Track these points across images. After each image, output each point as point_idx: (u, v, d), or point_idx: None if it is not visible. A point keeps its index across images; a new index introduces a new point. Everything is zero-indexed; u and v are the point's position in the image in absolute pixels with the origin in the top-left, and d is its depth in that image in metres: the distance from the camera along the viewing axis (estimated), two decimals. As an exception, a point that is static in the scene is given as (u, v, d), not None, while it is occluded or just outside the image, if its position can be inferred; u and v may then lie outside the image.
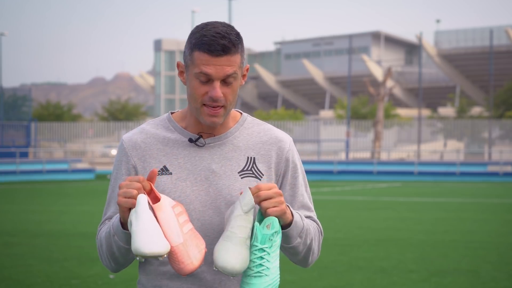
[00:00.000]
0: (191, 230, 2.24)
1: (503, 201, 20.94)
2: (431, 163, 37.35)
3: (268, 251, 2.24)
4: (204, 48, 2.28)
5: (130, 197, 2.19)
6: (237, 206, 2.24)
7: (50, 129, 51.98)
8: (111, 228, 2.31)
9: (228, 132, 2.42)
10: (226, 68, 2.29)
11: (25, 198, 21.90)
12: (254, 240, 2.23)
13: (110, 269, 2.45)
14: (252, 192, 2.24)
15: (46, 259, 10.13)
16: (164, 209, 2.22)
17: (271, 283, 2.27)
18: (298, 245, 2.37)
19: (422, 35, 53.68)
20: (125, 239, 2.28)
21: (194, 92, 2.32)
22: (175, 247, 2.19)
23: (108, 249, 2.35)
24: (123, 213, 2.22)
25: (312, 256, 2.46)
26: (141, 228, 2.15)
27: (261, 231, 2.23)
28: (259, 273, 2.24)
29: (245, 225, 2.23)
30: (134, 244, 2.14)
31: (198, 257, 2.22)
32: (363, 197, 22.58)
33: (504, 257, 10.47)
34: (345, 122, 50.68)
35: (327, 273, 9.21)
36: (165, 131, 2.44)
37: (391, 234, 12.98)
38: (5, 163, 32.84)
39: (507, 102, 53.90)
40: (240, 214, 2.23)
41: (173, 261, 2.21)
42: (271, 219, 2.24)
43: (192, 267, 2.20)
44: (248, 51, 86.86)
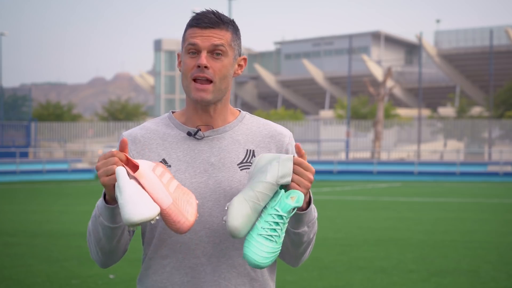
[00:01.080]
0: (177, 188, 2.23)
1: (503, 201, 20.94)
2: (431, 163, 37.34)
3: (284, 221, 2.21)
4: (193, 22, 2.38)
5: (111, 174, 2.18)
6: (272, 170, 2.21)
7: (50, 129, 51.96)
8: (96, 210, 2.31)
9: (227, 126, 2.44)
10: (212, 39, 2.35)
11: (25, 198, 21.89)
12: (276, 204, 2.20)
13: (98, 262, 2.43)
14: (295, 162, 2.22)
15: (46, 259, 10.13)
16: (146, 175, 2.20)
17: (275, 252, 2.23)
18: (304, 234, 2.34)
19: (422, 35, 53.68)
20: (109, 216, 2.27)
21: (185, 68, 2.38)
22: (167, 208, 2.18)
23: (95, 234, 2.34)
24: (110, 192, 2.22)
25: (306, 254, 2.45)
26: (127, 199, 2.13)
27: (285, 199, 2.20)
28: (271, 236, 2.20)
29: (269, 194, 2.21)
30: (124, 216, 2.12)
31: (192, 211, 2.21)
32: (363, 197, 22.57)
33: (504, 257, 10.47)
34: (345, 122, 50.68)
35: (327, 273, 9.21)
36: (165, 128, 2.46)
37: (391, 234, 12.98)
38: (5, 163, 32.84)
39: (507, 102, 53.88)
40: (272, 183, 2.20)
41: (168, 222, 2.19)
42: (298, 193, 2.21)
43: (189, 224, 2.20)
44: (248, 51, 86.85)
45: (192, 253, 2.38)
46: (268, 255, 2.20)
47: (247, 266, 2.41)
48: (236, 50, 2.41)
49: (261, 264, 2.20)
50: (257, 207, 2.20)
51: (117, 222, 2.29)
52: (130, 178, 2.18)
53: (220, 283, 2.38)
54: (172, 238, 2.40)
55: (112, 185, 2.19)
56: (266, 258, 2.20)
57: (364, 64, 71.07)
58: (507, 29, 65.16)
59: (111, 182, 2.19)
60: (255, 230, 2.21)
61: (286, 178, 2.20)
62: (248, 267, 2.41)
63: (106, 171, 2.19)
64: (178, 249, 2.39)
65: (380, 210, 17.99)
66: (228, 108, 2.47)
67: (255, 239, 2.20)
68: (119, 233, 2.32)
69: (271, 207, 2.20)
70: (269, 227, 2.20)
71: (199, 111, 2.43)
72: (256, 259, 2.20)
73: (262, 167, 2.24)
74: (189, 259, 2.39)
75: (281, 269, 8.68)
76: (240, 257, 2.40)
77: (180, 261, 2.39)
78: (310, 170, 2.23)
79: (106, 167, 2.19)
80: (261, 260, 2.20)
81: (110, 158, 2.19)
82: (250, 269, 2.41)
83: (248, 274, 2.41)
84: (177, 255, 2.39)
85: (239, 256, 2.40)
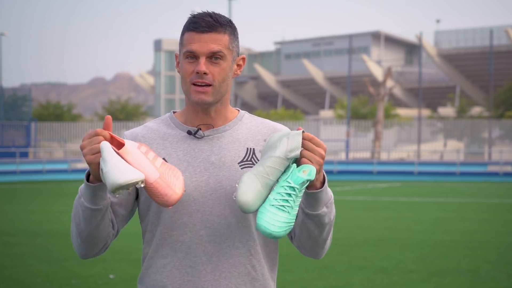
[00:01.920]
0: (163, 164, 2.23)
1: (503, 201, 20.94)
2: (431, 163, 37.34)
3: (296, 193, 2.20)
4: (191, 27, 2.37)
5: (97, 153, 2.17)
6: (282, 146, 2.22)
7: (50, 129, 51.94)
8: (79, 191, 2.30)
9: (227, 125, 2.45)
10: (210, 45, 2.35)
11: (25, 198, 21.89)
12: (288, 177, 2.20)
13: (77, 250, 2.41)
14: (304, 137, 2.23)
15: (46, 259, 10.12)
16: (131, 151, 2.20)
17: (288, 222, 2.21)
18: (324, 216, 2.32)
19: (422, 35, 53.67)
20: (90, 196, 2.26)
21: (183, 73, 2.39)
22: (154, 182, 2.17)
23: (75, 219, 2.33)
24: (94, 171, 2.21)
25: (329, 240, 2.42)
26: (112, 166, 2.12)
27: (297, 172, 2.20)
28: (283, 206, 2.20)
29: (280, 169, 2.21)
30: (109, 181, 2.11)
31: (179, 185, 2.21)
32: (363, 197, 22.57)
33: (504, 257, 10.47)
34: (345, 122, 50.67)
35: (327, 273, 9.21)
36: (166, 128, 2.47)
37: (391, 234, 12.98)
38: (5, 163, 32.83)
39: (507, 102, 53.87)
40: (281, 157, 2.21)
41: (156, 196, 2.19)
42: (309, 167, 2.21)
43: (176, 197, 2.20)
44: (248, 51, 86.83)
45: (192, 252, 2.38)
46: (281, 224, 2.19)
47: (248, 266, 2.40)
48: (235, 51, 2.42)
49: (275, 233, 2.19)
50: (268, 182, 2.20)
51: (97, 204, 2.27)
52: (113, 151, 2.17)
53: (220, 282, 2.38)
54: (172, 238, 2.39)
55: (97, 163, 2.18)
56: (279, 227, 2.19)
57: (364, 64, 71.05)
58: (507, 29, 65.14)
59: (96, 160, 2.18)
60: (268, 201, 2.21)
61: (295, 152, 2.20)
62: (249, 267, 2.40)
63: (91, 150, 2.18)
64: (178, 248, 2.39)
65: (380, 210, 17.99)
66: (228, 108, 2.48)
67: (268, 209, 2.19)
68: (99, 217, 2.30)
69: (283, 179, 2.20)
70: (281, 198, 2.19)
71: (199, 113, 2.44)
72: (269, 228, 2.18)
73: (272, 144, 2.25)
74: (189, 258, 2.38)
75: (281, 269, 8.68)
76: (241, 257, 2.40)
77: (181, 260, 2.39)
78: (322, 146, 2.24)
79: (91, 146, 2.18)
80: (275, 229, 2.19)
81: (95, 137, 2.19)
82: (251, 269, 2.41)
83: (248, 274, 2.41)
84: (177, 254, 2.39)
85: (239, 256, 2.40)
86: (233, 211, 2.39)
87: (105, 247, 2.43)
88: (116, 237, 2.46)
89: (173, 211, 2.39)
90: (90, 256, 2.43)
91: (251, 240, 2.41)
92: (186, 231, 2.39)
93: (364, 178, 34.60)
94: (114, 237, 2.45)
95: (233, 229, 2.39)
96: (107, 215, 2.33)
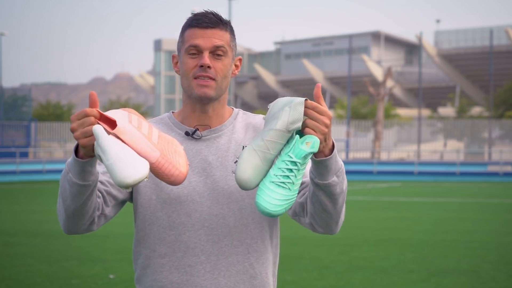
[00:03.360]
0: (159, 138, 2.15)
1: (503, 201, 20.94)
2: (431, 163, 37.33)
3: (299, 167, 2.13)
4: (193, 23, 2.38)
5: (90, 136, 2.10)
6: (283, 117, 2.13)
7: (50, 129, 51.93)
8: (66, 166, 2.24)
9: (223, 125, 2.46)
10: (214, 39, 2.37)
11: (25, 198, 21.88)
12: (290, 150, 2.13)
13: (62, 225, 2.34)
14: (307, 106, 2.15)
15: (46, 259, 10.12)
16: (126, 130, 2.11)
17: (290, 199, 2.16)
18: (335, 185, 2.24)
19: (422, 35, 53.68)
20: (79, 172, 2.19)
21: (185, 68, 2.38)
22: (156, 162, 2.10)
23: (62, 194, 2.27)
24: (88, 152, 2.15)
25: (343, 212, 2.36)
26: (114, 159, 2.04)
27: (299, 145, 2.13)
28: (283, 183, 2.14)
29: (281, 142, 2.14)
30: (116, 179, 2.03)
31: (182, 162, 2.14)
32: (363, 197, 22.56)
33: (504, 257, 10.47)
34: (345, 122, 50.67)
35: (327, 273, 9.21)
36: (165, 128, 2.47)
37: (391, 234, 12.98)
38: (5, 163, 32.82)
39: (507, 102, 53.87)
40: (281, 130, 2.13)
41: (161, 176, 2.13)
42: (313, 138, 2.13)
43: (183, 176, 2.13)
44: (248, 51, 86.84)
45: (191, 252, 2.38)
46: (280, 202, 2.14)
47: (246, 264, 2.41)
48: (234, 51, 2.44)
49: (272, 212, 2.14)
50: (268, 156, 2.15)
51: (86, 179, 2.21)
52: (108, 135, 2.09)
53: (219, 281, 2.39)
54: (171, 237, 2.40)
55: (91, 145, 2.12)
56: (278, 206, 2.14)
57: (364, 64, 71.05)
58: (507, 29, 65.13)
59: (90, 143, 2.11)
60: (268, 177, 2.15)
61: (296, 124, 2.12)
62: (247, 265, 2.41)
63: (84, 133, 2.10)
64: (177, 247, 2.39)
65: (380, 210, 17.99)
66: (225, 108, 2.49)
67: (267, 186, 2.14)
68: (87, 194, 2.23)
69: (285, 153, 2.14)
70: (282, 174, 2.13)
71: (197, 111, 2.44)
72: (267, 207, 2.14)
73: (274, 113, 2.17)
74: (188, 257, 2.39)
75: (281, 269, 8.68)
76: (239, 255, 2.40)
77: (180, 260, 2.39)
78: (326, 114, 2.15)
79: (83, 129, 2.10)
80: (272, 208, 2.14)
81: (85, 118, 2.10)
82: (249, 267, 2.41)
83: (247, 272, 2.41)
84: (176, 253, 2.39)
85: (238, 254, 2.40)
86: (231, 210, 2.39)
87: (92, 224, 2.35)
88: (106, 220, 2.39)
89: (171, 211, 2.39)
90: (75, 233, 2.35)
91: (248, 238, 2.41)
92: (184, 230, 2.39)
93: (364, 178, 34.60)
94: (105, 219, 2.38)
95: (231, 228, 2.39)
96: (94, 192, 2.27)
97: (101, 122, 2.14)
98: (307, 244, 11.51)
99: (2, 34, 53.53)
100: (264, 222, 2.44)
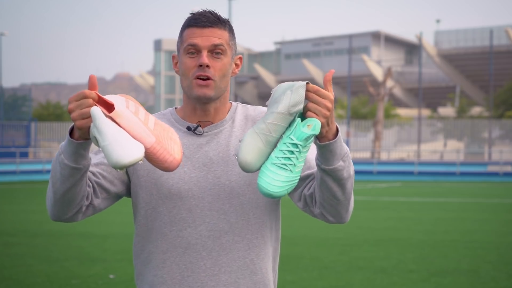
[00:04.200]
0: (156, 124, 2.17)
1: (503, 201, 20.94)
2: (431, 163, 37.33)
3: (300, 149, 2.14)
4: (191, 23, 2.39)
5: (87, 118, 2.11)
6: (284, 100, 2.14)
7: (50, 129, 51.93)
8: (60, 147, 2.24)
9: (224, 120, 2.47)
10: (212, 38, 2.37)
11: (25, 198, 21.89)
12: (291, 133, 2.14)
13: (50, 212, 2.34)
14: (309, 89, 2.15)
15: (46, 259, 10.12)
16: (123, 114, 2.12)
17: (291, 181, 2.16)
18: (342, 170, 2.24)
19: (422, 35, 53.68)
20: (71, 153, 2.20)
21: (184, 68, 2.38)
22: (151, 147, 2.11)
23: (52, 177, 2.26)
24: (83, 134, 2.16)
25: (351, 199, 2.36)
26: (110, 140, 2.06)
27: (301, 127, 2.13)
28: (284, 165, 2.14)
29: (283, 124, 2.15)
30: (111, 159, 2.04)
31: (177, 149, 2.16)
32: (363, 197, 22.56)
33: (504, 257, 10.48)
34: (345, 122, 50.67)
35: (327, 273, 9.21)
36: (167, 123, 2.48)
37: (391, 234, 12.98)
38: (5, 163, 32.83)
39: (507, 102, 53.88)
40: (283, 112, 2.14)
41: (155, 162, 2.14)
42: (315, 121, 2.13)
43: (176, 162, 2.15)
44: (248, 51, 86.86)
45: (192, 248, 2.39)
46: (281, 183, 2.15)
47: (247, 260, 2.41)
48: (233, 49, 2.44)
49: (273, 193, 2.15)
50: (270, 139, 2.15)
51: (78, 162, 2.21)
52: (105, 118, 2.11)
53: (220, 277, 2.39)
54: (172, 233, 2.40)
55: (87, 127, 2.13)
56: (279, 187, 2.14)
57: (364, 64, 71.07)
58: (507, 29, 65.15)
59: (87, 125, 2.12)
60: (269, 160, 2.16)
61: (298, 106, 2.13)
62: (248, 261, 2.41)
63: (81, 114, 2.11)
64: (178, 243, 2.40)
65: (380, 210, 17.99)
66: (226, 105, 2.49)
67: (269, 168, 2.15)
68: (77, 177, 2.23)
69: (286, 136, 2.15)
70: (283, 156, 2.14)
71: (198, 110, 2.45)
72: (268, 188, 2.14)
73: (276, 98, 2.18)
74: (189, 253, 2.39)
75: (281, 269, 8.68)
76: (240, 251, 2.41)
77: (181, 256, 2.40)
78: (328, 97, 2.15)
79: (81, 110, 2.11)
80: (273, 189, 2.14)
81: (84, 100, 2.11)
82: (250, 263, 2.42)
83: (248, 268, 2.42)
84: (177, 249, 2.40)
85: (239, 250, 2.41)
86: (232, 206, 2.40)
87: (79, 212, 2.35)
88: (95, 211, 2.39)
89: (172, 206, 2.40)
90: (62, 220, 2.35)
91: (249, 233, 2.41)
92: (185, 226, 2.39)
93: (364, 178, 34.59)
94: (93, 210, 2.38)
95: (232, 224, 2.40)
96: (85, 177, 2.27)
97: (99, 105, 2.15)
98: (307, 244, 11.51)
99: (2, 34, 53.54)
100: (265, 217, 2.44)
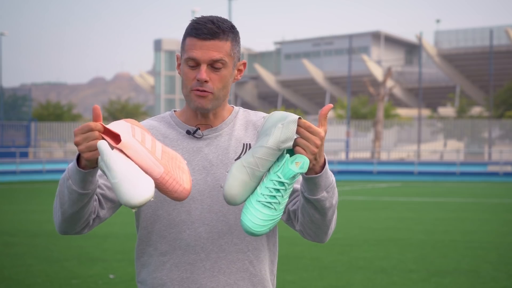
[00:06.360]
0: (163, 153, 2.16)
1: (503, 201, 20.94)
2: (431, 163, 37.33)
3: (286, 187, 2.14)
4: (193, 32, 2.36)
5: (95, 150, 2.12)
6: (275, 134, 2.14)
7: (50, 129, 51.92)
8: (67, 172, 2.25)
9: (223, 124, 2.47)
10: (212, 52, 2.34)
11: (25, 198, 21.88)
12: (279, 169, 2.14)
13: (57, 226, 2.36)
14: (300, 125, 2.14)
15: (46, 259, 10.12)
16: (130, 145, 2.12)
17: (275, 219, 2.17)
18: (324, 200, 2.25)
19: (422, 35, 53.68)
20: (79, 181, 2.20)
21: (184, 78, 2.39)
22: (160, 178, 2.11)
23: (60, 197, 2.28)
24: (91, 164, 2.16)
25: (332, 225, 2.37)
26: (120, 178, 2.05)
27: (289, 165, 2.13)
28: (269, 203, 2.15)
29: (271, 159, 2.15)
30: (122, 199, 2.05)
31: (186, 178, 2.16)
32: (363, 197, 22.56)
33: (504, 257, 10.48)
34: (345, 122, 50.66)
35: (327, 273, 9.21)
36: (167, 126, 2.49)
37: (391, 234, 12.98)
38: (5, 163, 32.82)
39: (507, 102, 53.87)
40: (272, 148, 2.14)
41: (165, 192, 2.14)
42: (303, 158, 2.13)
43: (186, 192, 2.15)
44: (248, 51, 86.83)
45: (191, 249, 2.40)
46: (264, 223, 2.15)
47: (246, 262, 2.42)
48: (236, 57, 2.42)
49: (256, 232, 2.16)
50: (257, 173, 2.15)
51: (86, 188, 2.22)
52: (112, 149, 2.10)
53: (219, 278, 2.40)
54: (171, 235, 2.41)
55: (95, 159, 2.14)
56: (261, 226, 2.15)
57: (364, 64, 71.05)
58: (507, 29, 65.14)
59: (95, 157, 2.13)
60: (255, 196, 2.16)
61: (288, 143, 2.13)
62: (247, 262, 2.42)
63: (88, 147, 2.12)
64: (177, 245, 2.40)
65: (380, 210, 17.99)
66: (226, 109, 2.50)
67: (253, 205, 2.15)
68: (85, 201, 2.26)
69: (273, 172, 2.15)
70: (269, 193, 2.14)
71: (198, 116, 2.46)
72: (250, 226, 2.15)
73: (267, 129, 2.18)
74: (188, 255, 2.40)
75: (281, 269, 8.68)
76: (239, 253, 2.41)
77: (180, 258, 2.40)
78: (318, 134, 2.15)
79: (88, 143, 2.12)
80: (256, 228, 2.15)
81: (90, 133, 2.12)
82: (249, 265, 2.43)
83: (247, 270, 2.42)
84: (176, 251, 2.40)
85: (238, 252, 2.41)
86: (231, 208, 2.40)
87: (86, 227, 2.38)
88: (100, 221, 2.42)
89: (171, 209, 2.41)
90: (68, 232, 2.38)
91: (248, 236, 2.42)
92: (184, 228, 2.40)
93: (364, 178, 34.59)
94: (99, 221, 2.41)
95: (231, 226, 2.41)
96: (93, 198, 2.30)
97: (105, 135, 2.15)
98: (307, 244, 11.51)
99: (2, 34, 53.52)
100: None
